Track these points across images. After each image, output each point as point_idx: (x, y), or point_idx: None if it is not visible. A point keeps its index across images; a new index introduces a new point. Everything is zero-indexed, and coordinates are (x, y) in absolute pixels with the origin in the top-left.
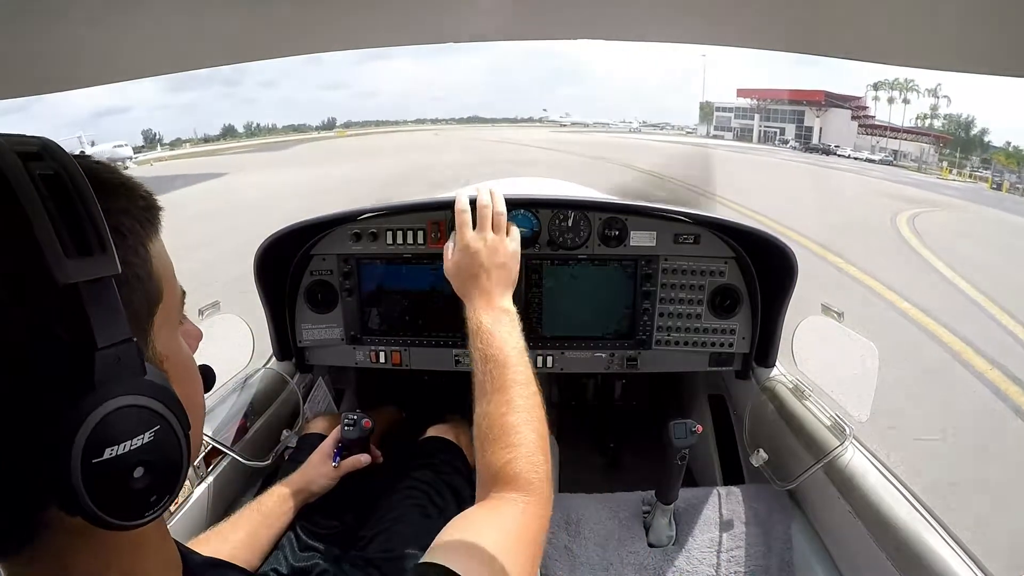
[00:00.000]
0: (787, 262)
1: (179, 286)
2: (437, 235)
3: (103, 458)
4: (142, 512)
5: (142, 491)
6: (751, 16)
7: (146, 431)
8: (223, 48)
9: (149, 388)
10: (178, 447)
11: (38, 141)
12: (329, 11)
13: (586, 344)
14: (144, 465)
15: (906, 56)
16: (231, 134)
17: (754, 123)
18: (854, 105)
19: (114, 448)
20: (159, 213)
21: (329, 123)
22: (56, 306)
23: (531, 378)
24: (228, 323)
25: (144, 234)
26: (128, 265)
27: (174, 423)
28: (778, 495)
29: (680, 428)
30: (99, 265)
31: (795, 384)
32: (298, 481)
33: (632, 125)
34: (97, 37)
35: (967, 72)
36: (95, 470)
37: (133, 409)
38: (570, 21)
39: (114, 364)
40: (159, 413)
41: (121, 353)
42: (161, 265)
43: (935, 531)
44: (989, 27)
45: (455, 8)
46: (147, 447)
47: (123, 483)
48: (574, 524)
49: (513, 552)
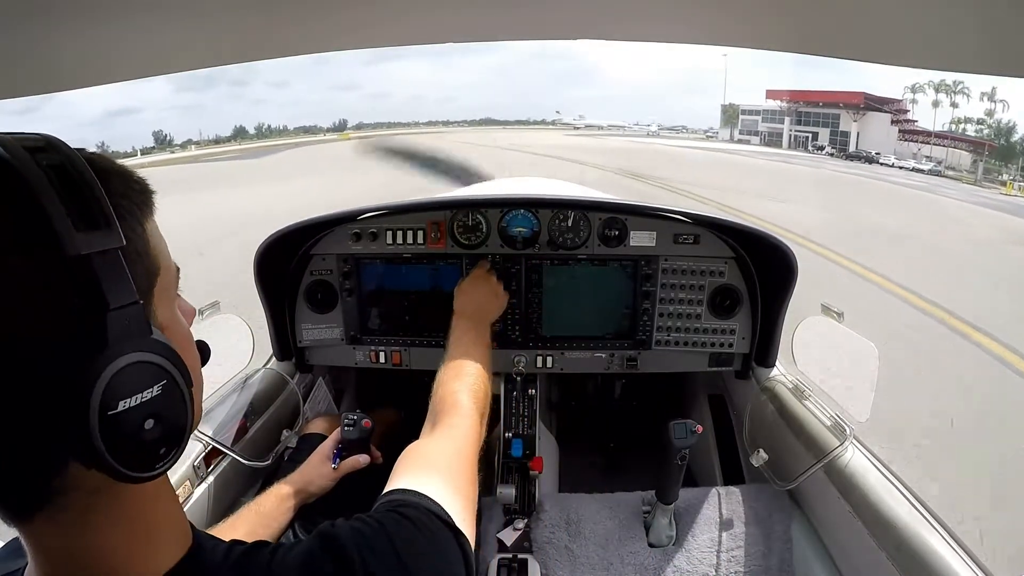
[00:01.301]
0: (787, 262)
1: (174, 263)
2: (437, 235)
3: (117, 410)
4: (153, 463)
5: (152, 443)
6: (751, 16)
7: (154, 385)
8: (221, 48)
9: (155, 346)
10: (183, 401)
11: (42, 137)
12: (329, 11)
13: (586, 344)
14: (154, 417)
15: (907, 56)
16: (242, 135)
17: (784, 127)
18: (894, 108)
19: (127, 400)
20: (152, 196)
21: (340, 124)
22: (68, 276)
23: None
24: (228, 323)
25: (140, 214)
26: (129, 240)
27: (179, 379)
28: (778, 495)
29: (680, 428)
30: (106, 238)
31: (795, 384)
32: (297, 481)
33: (650, 128)
34: (99, 36)
35: (968, 72)
36: (111, 422)
37: (142, 365)
38: (570, 21)
39: (124, 324)
40: (165, 369)
41: (129, 315)
42: (157, 242)
43: (935, 531)
44: (990, 27)
45: (455, 8)
46: (156, 400)
47: (135, 434)
48: (574, 524)
49: (466, 466)
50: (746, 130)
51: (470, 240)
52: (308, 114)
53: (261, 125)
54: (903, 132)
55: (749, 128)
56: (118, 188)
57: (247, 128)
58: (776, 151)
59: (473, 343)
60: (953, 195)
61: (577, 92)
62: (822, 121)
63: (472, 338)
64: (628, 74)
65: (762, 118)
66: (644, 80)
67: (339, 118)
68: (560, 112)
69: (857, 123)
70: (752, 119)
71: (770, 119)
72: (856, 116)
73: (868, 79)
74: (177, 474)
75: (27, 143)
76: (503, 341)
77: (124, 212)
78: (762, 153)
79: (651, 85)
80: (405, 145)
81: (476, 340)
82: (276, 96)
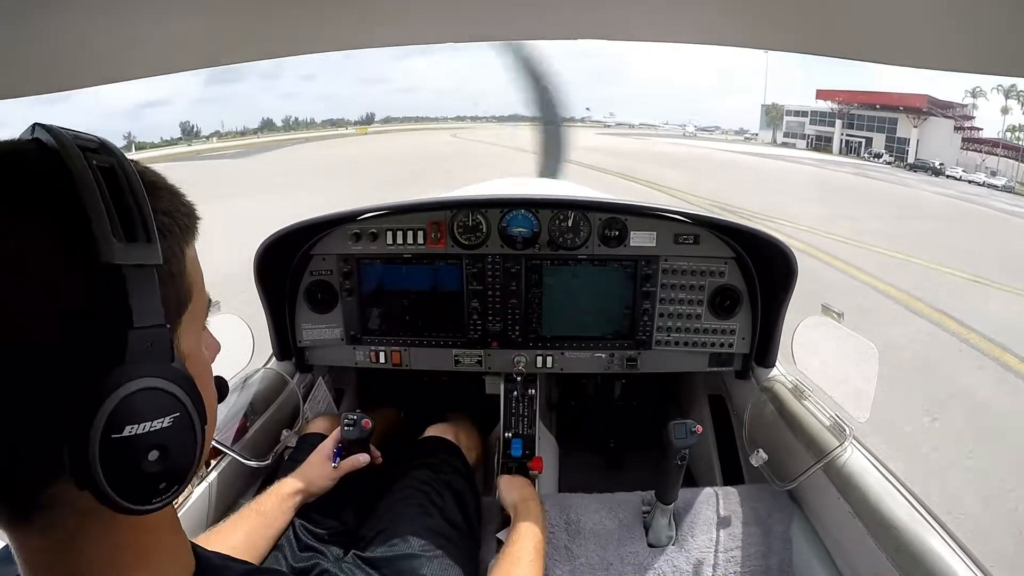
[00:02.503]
0: (787, 262)
1: (207, 294)
2: (437, 235)
3: (122, 435)
4: (149, 497)
5: (153, 476)
6: (751, 16)
7: (167, 416)
8: (217, 48)
9: (175, 375)
10: (194, 438)
11: (97, 139)
12: (328, 11)
13: (586, 344)
14: (160, 449)
15: (908, 56)
16: (269, 128)
17: (835, 131)
18: (958, 114)
19: (134, 427)
20: (197, 221)
21: (368, 118)
22: (98, 283)
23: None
24: (228, 323)
25: (183, 237)
26: (166, 261)
27: (193, 414)
28: (778, 495)
29: (680, 428)
30: (144, 252)
31: (795, 384)
32: (297, 481)
33: (687, 128)
34: (102, 36)
35: (968, 72)
36: (112, 445)
37: (158, 392)
38: (570, 21)
39: (146, 346)
40: (181, 401)
41: (153, 337)
42: (194, 269)
43: (935, 531)
44: (991, 27)
45: (455, 8)
46: (165, 431)
47: (136, 463)
48: (574, 524)
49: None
50: (791, 132)
51: (470, 240)
52: (337, 108)
53: (288, 118)
54: (966, 141)
55: (794, 130)
56: (165, 205)
57: (275, 121)
58: (828, 157)
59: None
60: None
61: (605, 90)
62: (877, 126)
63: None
64: (657, 73)
65: (810, 120)
66: (674, 79)
67: (367, 112)
68: (590, 109)
69: (917, 129)
70: (798, 121)
71: (819, 121)
72: (916, 121)
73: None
74: None
75: (81, 141)
76: (503, 341)
77: (166, 230)
78: (832, 163)
79: (682, 84)
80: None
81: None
82: (307, 89)
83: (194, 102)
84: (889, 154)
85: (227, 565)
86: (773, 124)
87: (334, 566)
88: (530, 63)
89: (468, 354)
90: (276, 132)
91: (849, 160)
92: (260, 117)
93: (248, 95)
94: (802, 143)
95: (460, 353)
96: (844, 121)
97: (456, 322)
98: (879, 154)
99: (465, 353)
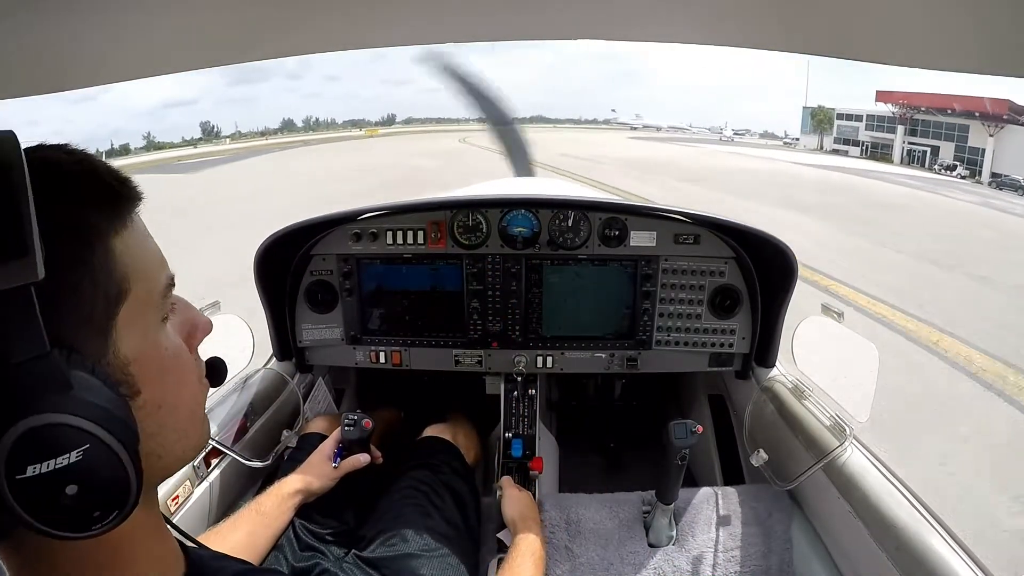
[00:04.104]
0: (787, 262)
1: (163, 276)
2: (437, 235)
3: (27, 475)
4: (86, 525)
5: (79, 507)
6: (751, 16)
7: (71, 450)
8: (213, 48)
9: (75, 406)
10: (116, 465)
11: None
12: (327, 10)
13: (586, 344)
14: (77, 483)
15: (907, 56)
16: (290, 128)
17: (897, 137)
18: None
19: (36, 467)
20: (132, 202)
21: (389, 119)
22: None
23: None
24: (228, 323)
25: (105, 227)
26: (78, 264)
27: (109, 440)
28: (778, 495)
29: (680, 428)
30: (14, 272)
31: (795, 384)
32: (298, 481)
33: (724, 133)
34: (103, 35)
35: (968, 72)
36: (22, 486)
37: (55, 428)
38: (570, 21)
39: (32, 380)
40: (87, 431)
41: (40, 368)
42: (130, 259)
43: (935, 531)
44: (991, 27)
45: (455, 8)
46: (76, 466)
47: (54, 499)
48: (574, 524)
49: None
50: (842, 138)
51: (470, 240)
52: (359, 108)
53: (309, 118)
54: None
55: (847, 135)
56: (75, 196)
57: (295, 121)
58: (896, 170)
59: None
60: None
61: (630, 92)
62: (944, 133)
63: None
64: (682, 74)
65: (865, 125)
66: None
67: (389, 112)
68: (616, 111)
69: (994, 138)
70: (851, 125)
71: (877, 126)
72: (993, 129)
73: (976, 84)
74: (178, 474)
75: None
76: (503, 341)
77: (78, 226)
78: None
79: (707, 86)
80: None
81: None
82: (330, 90)
83: (217, 102)
84: (962, 165)
85: (222, 566)
86: (820, 128)
87: (334, 566)
88: (454, 69)
89: (468, 354)
90: (297, 132)
91: (920, 173)
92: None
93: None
94: (855, 150)
95: (460, 353)
96: (906, 127)
97: (456, 322)
98: (951, 166)
99: (465, 353)
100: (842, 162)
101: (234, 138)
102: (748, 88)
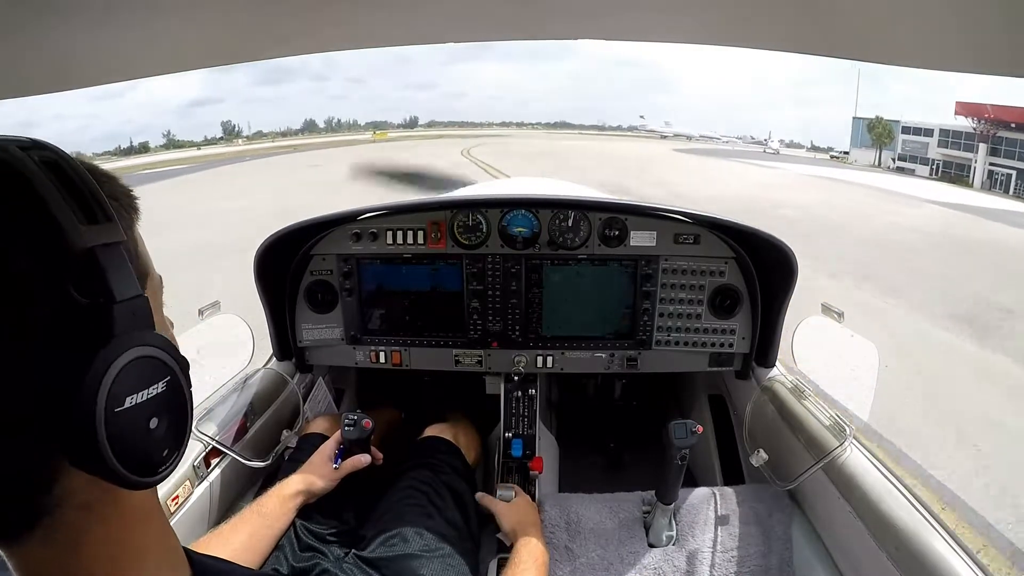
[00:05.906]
0: (787, 262)
1: (157, 272)
2: (437, 235)
3: (124, 407)
4: (156, 467)
5: (157, 443)
6: (751, 16)
7: (159, 381)
8: (215, 48)
9: (160, 340)
10: (185, 401)
11: (28, 139)
12: (331, 10)
13: (586, 344)
14: (158, 416)
15: (907, 56)
16: (312, 129)
17: (978, 157)
18: None
19: (134, 397)
20: (137, 202)
21: (411, 121)
22: (74, 269)
23: None
24: (228, 323)
25: (129, 218)
26: (130, 235)
27: (181, 376)
28: (778, 495)
29: (680, 428)
30: (109, 231)
31: (795, 384)
32: (298, 482)
33: (770, 145)
34: (99, 34)
35: (968, 72)
36: (117, 420)
37: (150, 360)
38: (570, 21)
39: (130, 317)
40: (169, 365)
41: (135, 307)
42: (143, 248)
43: (935, 531)
44: (992, 27)
45: (455, 7)
46: (161, 397)
47: (141, 434)
48: (574, 524)
49: None
50: (908, 155)
51: (470, 240)
52: (383, 110)
53: (331, 119)
54: None
55: (914, 152)
56: (107, 190)
57: (316, 122)
58: (984, 198)
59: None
60: None
61: (656, 98)
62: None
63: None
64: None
65: (938, 141)
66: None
67: (410, 115)
68: (644, 117)
69: None
70: (919, 141)
71: (952, 143)
72: None
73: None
74: (177, 474)
75: (17, 143)
76: (503, 341)
77: (116, 212)
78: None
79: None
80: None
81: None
82: (355, 92)
83: (242, 101)
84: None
85: (231, 568)
86: (878, 143)
87: (335, 566)
88: None
89: (468, 354)
90: (318, 133)
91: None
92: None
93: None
94: (923, 169)
95: (460, 353)
96: (988, 145)
97: (456, 322)
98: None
99: (465, 353)
100: (944, 193)
101: (250, 140)
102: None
